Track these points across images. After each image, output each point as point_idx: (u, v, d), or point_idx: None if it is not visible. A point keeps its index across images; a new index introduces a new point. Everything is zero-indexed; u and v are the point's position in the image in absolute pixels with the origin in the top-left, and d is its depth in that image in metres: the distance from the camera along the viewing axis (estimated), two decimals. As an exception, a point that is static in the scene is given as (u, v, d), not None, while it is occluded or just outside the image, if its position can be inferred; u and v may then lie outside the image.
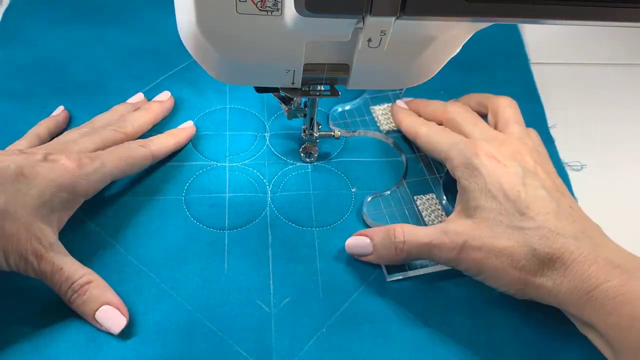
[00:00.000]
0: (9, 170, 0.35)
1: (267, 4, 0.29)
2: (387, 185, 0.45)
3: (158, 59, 0.52)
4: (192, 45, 0.33)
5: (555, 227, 0.35)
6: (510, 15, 0.27)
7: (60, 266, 0.36)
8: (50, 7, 0.56)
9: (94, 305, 0.36)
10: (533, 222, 0.35)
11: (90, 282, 0.36)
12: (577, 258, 0.34)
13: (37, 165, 0.37)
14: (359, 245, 0.40)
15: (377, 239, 0.39)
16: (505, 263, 0.35)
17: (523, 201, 0.36)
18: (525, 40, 0.58)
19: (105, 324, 0.36)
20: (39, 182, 0.36)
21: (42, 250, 0.35)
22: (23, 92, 0.49)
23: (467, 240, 0.36)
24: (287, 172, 0.46)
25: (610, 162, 0.49)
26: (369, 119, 0.49)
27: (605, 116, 0.53)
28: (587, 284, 0.33)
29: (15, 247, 0.35)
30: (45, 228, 0.36)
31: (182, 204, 0.43)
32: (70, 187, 0.37)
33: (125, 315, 0.36)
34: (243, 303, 0.39)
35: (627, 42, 0.59)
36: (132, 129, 0.45)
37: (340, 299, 0.39)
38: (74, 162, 0.38)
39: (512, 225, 0.36)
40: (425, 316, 0.39)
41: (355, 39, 0.31)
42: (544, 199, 0.36)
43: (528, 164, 0.38)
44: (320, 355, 0.37)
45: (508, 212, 0.36)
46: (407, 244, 0.38)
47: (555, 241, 0.34)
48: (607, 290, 0.33)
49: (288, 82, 0.36)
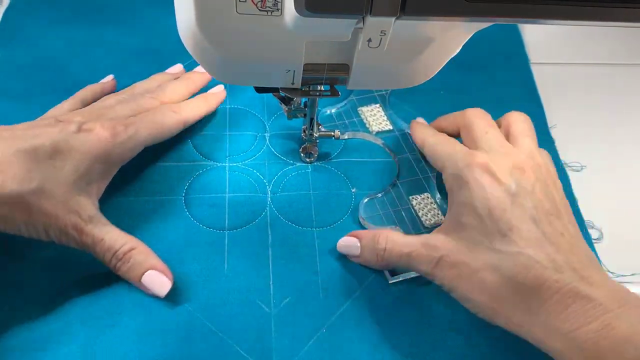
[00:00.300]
0: (44, 149, 0.36)
1: (267, 4, 0.29)
2: (387, 186, 0.45)
3: (158, 59, 0.52)
4: (192, 45, 0.33)
5: (535, 255, 0.32)
6: (510, 15, 0.27)
7: (101, 237, 0.37)
8: (50, 7, 0.56)
9: (139, 271, 0.37)
10: (513, 246, 0.33)
11: (133, 249, 0.37)
12: (555, 294, 0.31)
13: (71, 138, 0.37)
14: (348, 245, 0.40)
15: (364, 242, 0.39)
16: (475, 286, 0.34)
17: (507, 222, 0.33)
18: (525, 40, 0.58)
19: (151, 288, 0.37)
20: (74, 156, 0.36)
21: (82, 224, 0.36)
22: (23, 92, 0.49)
23: (443, 256, 0.35)
24: (287, 172, 0.46)
25: (610, 163, 0.49)
26: (358, 121, 0.49)
27: (605, 116, 0.53)
28: (566, 325, 0.30)
29: (55, 223, 0.35)
30: (83, 200, 0.37)
31: (182, 204, 0.43)
32: (105, 156, 0.38)
33: (170, 278, 0.37)
34: (243, 303, 0.39)
35: (627, 42, 0.59)
36: (170, 98, 0.45)
37: (340, 299, 0.39)
38: (107, 131, 0.38)
39: (491, 247, 0.33)
40: (425, 316, 0.39)
41: (355, 39, 0.31)
42: (531, 223, 0.33)
43: (526, 181, 0.35)
44: (321, 355, 0.37)
45: (489, 232, 0.34)
46: (388, 252, 0.38)
47: (532, 271, 0.32)
48: (587, 334, 0.30)
49: (288, 82, 0.36)
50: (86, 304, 0.38)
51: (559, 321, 0.31)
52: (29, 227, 0.35)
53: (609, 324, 0.29)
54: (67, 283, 0.38)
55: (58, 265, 0.39)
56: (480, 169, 0.35)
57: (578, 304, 0.31)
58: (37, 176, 0.35)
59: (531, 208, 0.34)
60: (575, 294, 0.31)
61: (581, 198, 0.45)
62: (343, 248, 0.40)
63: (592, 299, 0.30)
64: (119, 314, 0.37)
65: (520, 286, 0.32)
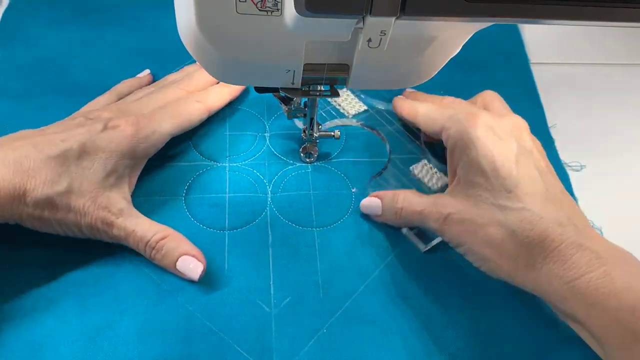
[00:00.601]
0: (72, 152, 0.37)
1: (267, 4, 0.29)
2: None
3: (158, 59, 0.52)
4: (192, 45, 0.33)
5: (539, 211, 0.34)
6: (510, 15, 0.27)
7: (132, 228, 0.38)
8: (50, 7, 0.56)
9: (173, 257, 0.38)
10: (518, 202, 0.34)
11: (165, 237, 0.38)
12: (559, 246, 0.33)
13: (97, 137, 0.38)
14: (371, 206, 0.42)
15: (385, 202, 0.42)
16: (481, 241, 0.36)
17: (513, 179, 0.35)
18: (525, 40, 0.58)
19: (186, 273, 0.38)
20: (101, 155, 0.38)
21: (112, 218, 0.38)
22: (23, 92, 0.49)
23: (451, 213, 0.37)
24: (287, 172, 0.46)
25: (610, 162, 0.49)
26: (332, 108, 0.50)
27: (605, 116, 0.53)
28: (569, 273, 0.32)
29: (85, 219, 0.37)
30: (113, 196, 0.38)
31: (183, 204, 0.43)
32: (131, 152, 0.40)
33: (203, 262, 0.38)
34: (243, 303, 0.39)
35: (627, 42, 0.59)
36: (197, 86, 0.46)
37: (341, 299, 0.39)
38: (131, 127, 0.39)
39: (497, 203, 0.35)
40: (426, 316, 0.39)
41: (355, 39, 0.31)
42: (535, 180, 0.35)
43: (525, 141, 0.38)
44: (321, 355, 0.37)
45: (494, 189, 0.35)
46: (404, 211, 0.40)
47: (537, 226, 0.34)
48: (589, 282, 0.32)
49: (288, 82, 0.36)
50: (86, 304, 0.38)
51: (562, 270, 0.32)
52: (62, 225, 0.37)
53: (609, 274, 0.31)
54: (68, 283, 0.38)
55: (58, 265, 0.39)
56: (484, 128, 0.37)
57: (580, 254, 0.32)
58: (66, 178, 0.37)
59: (533, 167, 0.36)
60: (577, 245, 0.33)
61: (581, 198, 0.45)
62: (366, 208, 0.43)
63: (593, 250, 0.32)
64: (119, 314, 0.37)
65: (525, 240, 0.34)
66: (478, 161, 0.36)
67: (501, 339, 0.38)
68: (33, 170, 0.36)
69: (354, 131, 0.49)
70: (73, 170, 0.37)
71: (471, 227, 0.36)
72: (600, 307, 0.31)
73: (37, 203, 0.36)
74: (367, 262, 0.41)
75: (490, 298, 0.40)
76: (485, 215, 0.35)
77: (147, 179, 0.44)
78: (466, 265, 0.41)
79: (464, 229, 0.36)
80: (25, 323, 0.37)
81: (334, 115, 0.50)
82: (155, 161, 0.45)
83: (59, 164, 0.37)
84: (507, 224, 0.34)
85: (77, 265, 0.39)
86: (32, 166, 0.36)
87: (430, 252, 0.42)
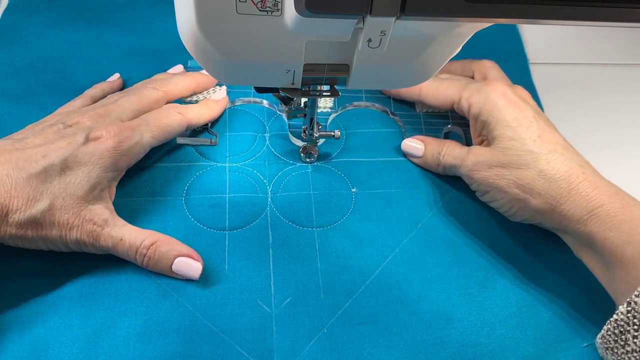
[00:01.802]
0: (54, 168, 0.37)
1: (267, 4, 0.29)
2: (387, 185, 0.45)
3: (158, 60, 0.52)
4: (192, 45, 0.33)
5: (564, 154, 0.39)
6: (510, 16, 0.27)
7: (120, 237, 0.38)
8: (49, 8, 0.56)
9: (167, 261, 0.38)
10: (545, 147, 0.40)
11: (154, 242, 0.38)
12: (582, 181, 0.38)
13: (79, 151, 0.38)
14: (414, 147, 0.46)
15: (429, 148, 0.46)
16: (511, 182, 0.40)
17: (536, 130, 0.40)
18: (524, 40, 0.58)
19: (184, 274, 0.39)
20: (83, 169, 0.38)
21: (97, 230, 0.38)
22: (22, 93, 0.49)
23: (482, 160, 0.41)
24: (287, 172, 0.46)
25: (610, 162, 0.49)
26: None
27: (604, 116, 0.53)
28: (591, 203, 0.37)
29: (70, 234, 0.37)
30: (96, 208, 0.38)
31: (183, 204, 0.43)
32: (113, 165, 0.39)
33: (199, 260, 0.39)
34: (244, 303, 0.39)
35: (627, 42, 0.59)
36: (174, 89, 0.46)
37: (341, 299, 0.39)
38: (113, 139, 0.39)
39: (525, 149, 0.40)
40: (426, 315, 0.39)
41: (355, 39, 0.31)
42: (554, 133, 0.41)
43: (535, 107, 0.43)
44: (322, 355, 0.37)
45: (521, 138, 0.40)
46: (444, 159, 0.45)
47: (564, 165, 0.39)
48: (608, 210, 0.36)
49: (288, 82, 0.36)
50: (87, 305, 0.38)
51: (585, 201, 0.37)
52: (47, 241, 0.37)
53: (626, 206, 0.36)
54: (68, 284, 0.39)
55: (59, 266, 0.39)
56: (502, 94, 0.42)
57: (600, 189, 0.38)
58: (49, 195, 0.36)
59: (549, 124, 0.42)
60: (598, 181, 0.38)
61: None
62: (408, 147, 0.47)
63: (611, 187, 0.38)
64: (120, 315, 0.37)
65: (553, 177, 0.39)
66: (505, 119, 0.41)
67: (502, 339, 0.38)
68: (15, 189, 0.35)
69: (354, 131, 0.49)
70: (56, 185, 0.37)
71: (501, 171, 0.40)
72: (616, 231, 0.36)
73: (21, 223, 0.35)
74: (367, 262, 0.41)
75: (492, 298, 0.40)
76: (514, 160, 0.40)
77: (148, 179, 0.44)
78: (467, 265, 0.42)
79: (493, 173, 0.41)
80: (27, 324, 0.37)
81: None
82: (155, 161, 0.45)
83: (40, 182, 0.36)
84: (537, 164, 0.39)
85: (78, 266, 0.39)
86: (13, 185, 0.35)
87: (430, 253, 0.42)
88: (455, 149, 0.45)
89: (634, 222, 0.35)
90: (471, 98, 0.44)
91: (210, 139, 0.46)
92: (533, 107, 0.43)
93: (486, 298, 0.40)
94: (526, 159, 0.39)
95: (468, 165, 0.42)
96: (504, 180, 0.40)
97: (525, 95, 0.44)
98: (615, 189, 0.38)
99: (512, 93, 0.43)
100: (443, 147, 0.45)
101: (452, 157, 0.44)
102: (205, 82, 0.48)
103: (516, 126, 0.41)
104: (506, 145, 0.40)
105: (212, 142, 0.46)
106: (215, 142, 0.46)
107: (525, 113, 0.41)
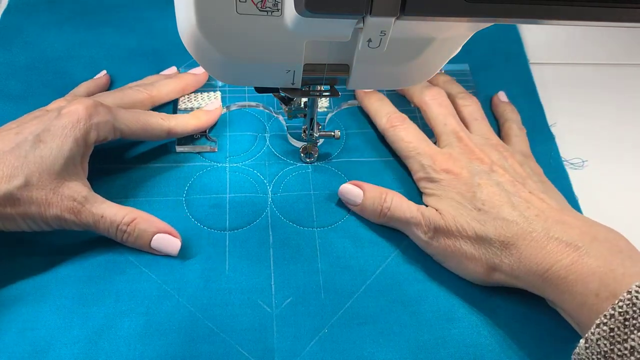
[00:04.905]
0: (27, 143, 0.37)
1: (267, 4, 0.29)
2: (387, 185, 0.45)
3: (158, 60, 0.52)
4: (192, 45, 0.33)
5: (509, 216, 0.37)
6: (510, 15, 0.27)
7: (100, 214, 0.38)
8: (49, 8, 0.56)
9: (146, 238, 0.39)
10: (489, 215, 0.38)
11: (134, 219, 0.39)
12: (530, 243, 0.36)
13: (52, 125, 0.38)
14: (352, 194, 0.43)
15: (369, 195, 0.42)
16: (468, 251, 0.38)
17: (478, 199, 0.39)
18: (524, 40, 0.58)
19: (163, 250, 0.39)
20: (57, 142, 0.37)
21: (78, 206, 0.37)
22: (22, 93, 0.49)
23: (440, 226, 0.39)
24: (287, 172, 0.46)
25: (610, 162, 0.49)
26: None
27: (604, 117, 0.53)
28: (541, 266, 0.35)
29: (50, 211, 0.37)
30: (74, 184, 0.38)
31: (183, 204, 0.43)
32: (83, 138, 0.39)
33: (177, 237, 0.39)
34: (244, 304, 0.39)
35: (627, 42, 0.59)
36: (158, 92, 0.46)
37: (342, 299, 0.39)
38: (85, 110, 0.39)
39: (473, 218, 0.38)
40: (427, 316, 0.39)
41: (355, 39, 0.31)
42: (498, 193, 0.39)
43: (484, 163, 0.41)
44: (322, 355, 0.37)
45: (467, 209, 0.39)
46: (391, 212, 0.41)
47: (510, 229, 0.37)
48: (558, 271, 0.34)
49: (288, 82, 0.36)
50: (88, 305, 0.38)
51: (535, 264, 0.35)
52: (27, 219, 0.37)
53: (577, 260, 0.34)
54: (69, 284, 0.38)
55: (59, 266, 0.39)
56: (443, 171, 0.41)
57: (551, 245, 0.35)
58: (24, 171, 0.36)
59: (493, 183, 0.40)
60: (547, 238, 0.36)
61: (581, 196, 0.45)
62: (345, 194, 0.43)
63: (562, 240, 0.35)
64: (121, 315, 0.37)
65: (502, 244, 0.37)
66: (447, 195, 0.40)
67: (502, 339, 0.38)
68: None
69: (354, 131, 0.49)
70: (31, 160, 0.36)
71: (458, 240, 0.39)
72: (569, 294, 0.34)
73: None
74: (368, 261, 0.41)
75: (492, 298, 0.40)
76: (467, 228, 0.38)
77: (148, 179, 0.44)
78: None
79: (451, 242, 0.39)
80: (27, 324, 0.37)
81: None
82: (155, 162, 0.45)
83: (14, 158, 0.36)
84: (486, 233, 0.38)
85: (78, 266, 0.39)
86: None
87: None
88: (402, 203, 0.41)
89: (586, 280, 0.33)
90: (417, 174, 0.43)
91: (209, 145, 0.46)
92: (492, 157, 0.41)
93: (487, 298, 0.40)
94: (477, 228, 0.38)
95: (423, 228, 0.40)
96: (464, 249, 0.38)
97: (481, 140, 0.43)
98: (571, 235, 0.35)
99: (454, 164, 0.41)
100: (387, 197, 0.42)
101: (399, 214, 0.41)
102: (193, 83, 0.48)
103: (462, 201, 0.39)
104: (455, 212, 0.39)
105: (211, 149, 0.46)
106: (214, 149, 0.46)
107: (466, 183, 0.40)
